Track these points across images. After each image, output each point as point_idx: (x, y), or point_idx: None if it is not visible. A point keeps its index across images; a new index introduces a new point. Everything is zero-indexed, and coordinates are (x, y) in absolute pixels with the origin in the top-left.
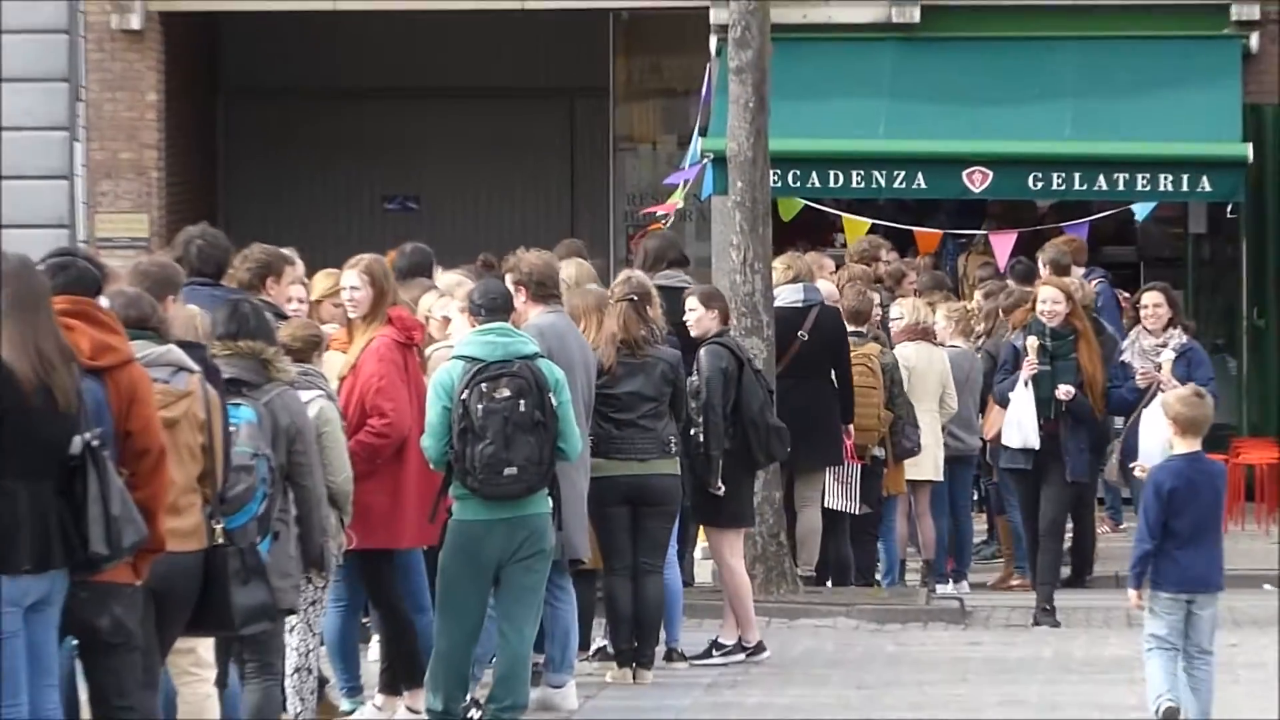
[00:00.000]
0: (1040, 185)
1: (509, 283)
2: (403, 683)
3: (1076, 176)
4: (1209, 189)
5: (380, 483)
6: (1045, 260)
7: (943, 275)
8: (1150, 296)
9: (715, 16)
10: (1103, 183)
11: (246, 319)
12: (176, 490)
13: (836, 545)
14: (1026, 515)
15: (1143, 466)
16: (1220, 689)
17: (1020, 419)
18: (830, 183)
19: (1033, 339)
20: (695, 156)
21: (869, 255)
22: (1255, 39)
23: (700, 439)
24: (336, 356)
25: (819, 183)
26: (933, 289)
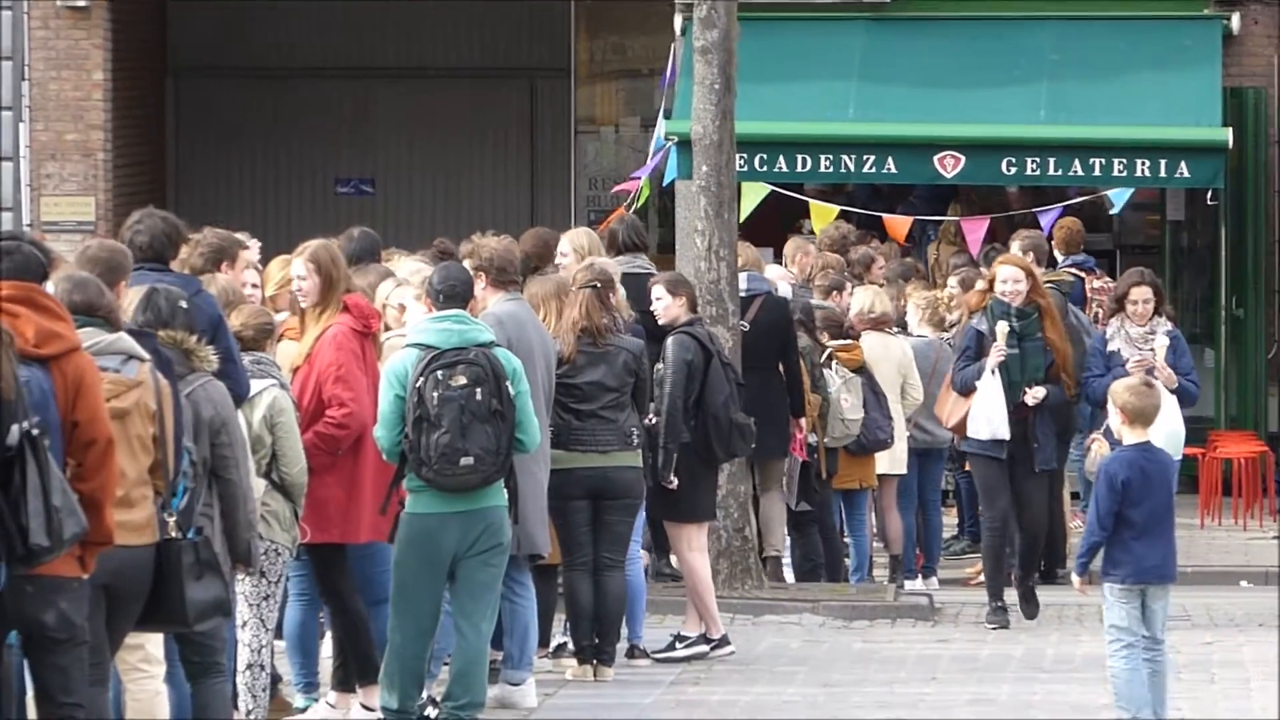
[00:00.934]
0: (1014, 170)
1: (469, 268)
2: (357, 679)
3: (1051, 162)
4: (1188, 175)
5: (336, 476)
6: (1024, 249)
7: (913, 263)
8: (1139, 292)
9: None
10: (1078, 168)
11: (160, 308)
12: (128, 483)
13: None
14: (987, 501)
15: (1099, 439)
16: (1196, 688)
17: (989, 412)
18: (798, 167)
19: (1003, 324)
20: (660, 144)
21: (840, 244)
22: (1236, 20)
23: (657, 430)
24: (289, 345)
25: (786, 167)
26: (902, 277)
